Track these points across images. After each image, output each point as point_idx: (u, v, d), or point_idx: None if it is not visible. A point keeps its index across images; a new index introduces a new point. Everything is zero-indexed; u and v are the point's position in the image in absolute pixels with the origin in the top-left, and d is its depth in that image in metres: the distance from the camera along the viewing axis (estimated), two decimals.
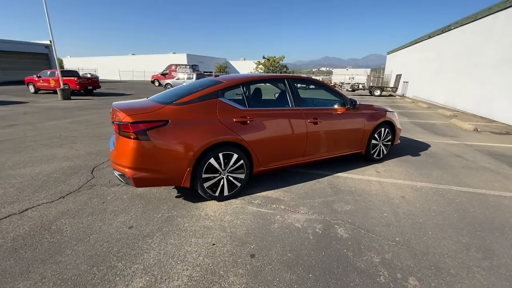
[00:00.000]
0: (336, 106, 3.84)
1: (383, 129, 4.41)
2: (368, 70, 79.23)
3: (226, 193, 3.05)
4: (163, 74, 28.63)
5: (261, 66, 42.84)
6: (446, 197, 3.26)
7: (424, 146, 5.63)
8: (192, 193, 3.22)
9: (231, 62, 58.87)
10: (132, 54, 54.04)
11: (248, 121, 3.04)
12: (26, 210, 2.80)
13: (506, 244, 2.35)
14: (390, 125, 4.53)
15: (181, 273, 1.95)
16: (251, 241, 2.34)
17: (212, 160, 2.84)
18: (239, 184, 3.12)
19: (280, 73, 43.99)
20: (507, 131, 7.18)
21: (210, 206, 2.95)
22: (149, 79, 34.08)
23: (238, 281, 1.89)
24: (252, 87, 3.68)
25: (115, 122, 2.72)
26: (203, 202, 3.03)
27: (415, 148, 5.46)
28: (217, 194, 3.00)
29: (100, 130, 6.72)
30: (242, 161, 3.03)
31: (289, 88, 3.51)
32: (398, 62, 24.10)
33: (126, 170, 2.62)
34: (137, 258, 2.10)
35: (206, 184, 2.90)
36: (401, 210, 2.92)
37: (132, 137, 2.55)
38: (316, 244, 2.31)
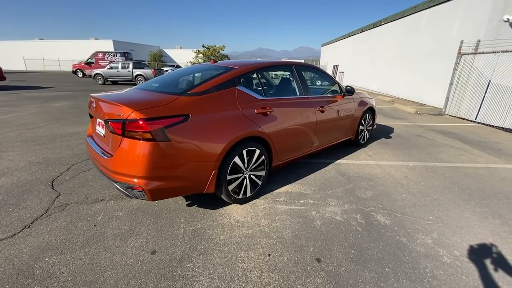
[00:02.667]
0: (335, 94, 3.84)
1: (367, 115, 4.65)
2: (302, 61, 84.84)
3: (248, 193, 2.72)
4: (88, 63, 24.53)
5: (200, 55, 40.95)
6: (438, 173, 3.64)
7: (389, 129, 6.24)
8: (200, 198, 2.78)
9: (165, 50, 54.40)
10: (40, 39, 44.56)
11: (268, 112, 2.73)
12: None
13: (509, 209, 2.73)
14: (372, 111, 4.81)
15: None
16: (306, 244, 2.13)
17: (236, 159, 2.46)
18: (260, 183, 2.81)
19: None
20: (438, 112, 8.60)
21: (235, 211, 2.58)
22: (68, 69, 28.80)
23: None
24: (263, 74, 3.33)
25: (112, 120, 2.06)
26: (224, 207, 2.64)
27: (383, 131, 6.00)
28: (240, 196, 2.65)
29: (30, 133, 5.25)
30: (263, 157, 2.73)
31: (297, 76, 3.31)
32: (333, 53, 26.25)
33: (137, 180, 2.03)
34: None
35: (230, 187, 2.52)
36: (414, 189, 3.12)
37: (145, 138, 1.96)
38: (369, 236, 2.24)
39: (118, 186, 2.13)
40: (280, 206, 2.69)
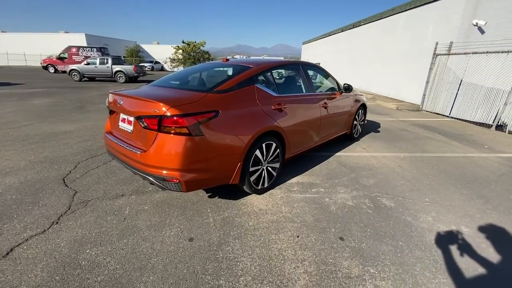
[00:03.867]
0: (335, 91, 4.12)
1: (360, 111, 5.01)
2: (282, 58, 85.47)
3: (266, 184, 2.91)
4: (61, 58, 23.12)
5: (180, 51, 40.02)
6: (426, 162, 4.07)
7: (376, 124, 6.70)
8: (220, 191, 2.92)
9: (142, 45, 52.44)
10: (3, 32, 41.01)
11: (282, 108, 2.93)
12: (12, 250, 1.95)
13: (488, 190, 3.17)
14: (364, 107, 5.18)
15: (296, 272, 1.82)
16: (327, 226, 2.37)
17: (257, 152, 2.64)
18: (275, 174, 3.02)
19: (203, 59, 42.38)
20: (416, 108, 9.30)
21: (256, 200, 2.76)
22: (35, 64, 26.85)
23: (353, 263, 1.91)
24: (275, 73, 3.52)
25: (147, 116, 2.15)
26: (244, 198, 2.81)
27: (371, 126, 6.44)
28: (259, 187, 2.83)
29: (18, 131, 5.02)
30: (278, 150, 2.93)
31: (304, 74, 3.54)
32: (314, 51, 26.93)
33: (173, 173, 2.14)
34: (235, 271, 1.82)
35: (252, 178, 2.69)
36: (408, 177, 3.49)
37: (182, 133, 2.08)
38: (379, 217, 2.53)
39: (152, 179, 2.23)
40: (295, 195, 2.91)
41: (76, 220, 2.33)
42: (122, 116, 2.53)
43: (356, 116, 4.88)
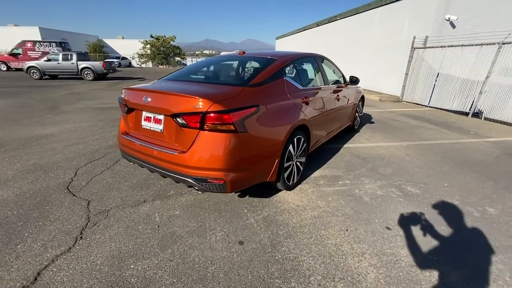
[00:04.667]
0: (342, 83, 4.15)
1: (360, 102, 5.13)
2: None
3: (295, 179, 2.85)
4: (14, 55, 20.67)
5: (148, 46, 38.00)
6: (428, 149, 4.29)
7: (367, 115, 6.94)
8: (247, 190, 2.80)
9: (105, 40, 48.87)
10: None
11: (308, 102, 2.88)
12: (40, 274, 1.67)
13: (493, 172, 3.43)
14: (363, 98, 5.32)
15: (361, 266, 1.79)
16: (369, 217, 2.38)
17: (290, 146, 2.56)
18: (301, 169, 2.97)
19: (173, 54, 40.70)
20: (397, 99, 9.82)
21: (288, 197, 2.69)
22: None
23: (406, 252, 1.94)
24: (297, 65, 3.42)
25: (186, 113, 1.96)
26: (276, 195, 2.72)
27: (364, 117, 6.65)
28: (290, 182, 2.76)
29: None
30: (305, 144, 2.88)
31: (319, 67, 3.50)
32: (288, 46, 27.19)
33: (217, 173, 1.99)
34: (301, 271, 1.74)
35: (285, 174, 2.61)
36: (420, 164, 3.65)
37: (228, 130, 1.93)
38: (411, 204, 2.61)
39: (191, 181, 2.04)
40: (324, 188, 2.89)
41: (103, 233, 2.08)
42: (146, 114, 2.28)
43: (357, 108, 5.00)
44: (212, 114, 1.89)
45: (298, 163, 2.84)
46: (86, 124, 5.41)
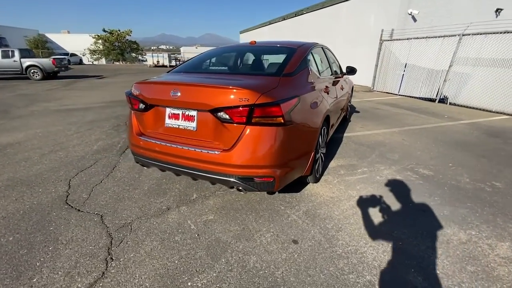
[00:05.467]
0: (340, 73, 4.21)
1: (350, 93, 5.29)
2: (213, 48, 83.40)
3: (320, 171, 2.82)
4: None
5: (100, 41, 34.78)
6: (418, 134, 4.59)
7: (350, 106, 7.20)
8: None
9: (48, 35, 43.41)
10: None
11: (328, 91, 2.84)
12: None
13: (481, 150, 3.79)
14: (353, 88, 5.48)
15: (421, 248, 1.82)
16: (403, 200, 2.44)
17: (319, 138, 2.51)
18: (323, 160, 2.94)
19: (130, 49, 37.90)
20: (368, 89, 10.41)
21: (318, 190, 2.64)
22: None
23: (454, 230, 2.02)
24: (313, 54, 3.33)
25: (230, 107, 1.76)
26: (304, 189, 2.64)
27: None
28: (318, 175, 2.72)
29: None
30: (326, 135, 2.85)
31: (325, 56, 3.48)
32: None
33: (266, 170, 1.84)
34: (369, 263, 1.70)
35: (316, 167, 2.55)
36: (419, 147, 3.88)
37: (277, 123, 1.79)
38: (431, 185, 2.74)
39: (235, 181, 1.86)
40: (348, 178, 2.90)
41: (137, 250, 1.80)
42: (172, 111, 2.01)
43: (349, 98, 5.14)
44: (261, 107, 1.73)
45: (321, 155, 2.80)
46: (55, 129, 4.72)
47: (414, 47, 8.34)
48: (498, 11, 10.20)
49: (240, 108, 1.74)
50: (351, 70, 4.34)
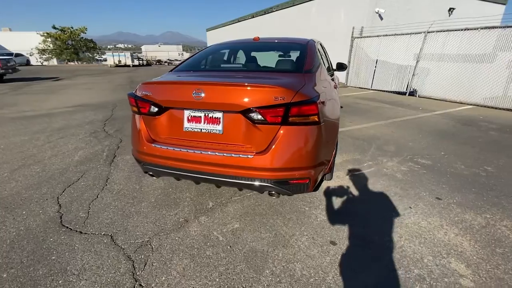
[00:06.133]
0: (331, 70, 4.26)
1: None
2: (180, 46, 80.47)
3: (333, 167, 2.80)
4: None
5: (50, 39, 31.42)
6: (403, 125, 4.86)
7: None
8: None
9: None
10: None
11: (336, 86, 2.83)
12: None
13: (462, 138, 4.11)
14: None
15: (449, 237, 1.88)
16: (416, 192, 2.52)
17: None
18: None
19: (86, 48, 34.87)
20: (343, 85, 10.80)
21: (332, 186, 2.63)
22: None
23: (471, 216, 2.14)
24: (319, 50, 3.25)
25: (264, 107, 1.64)
26: (321, 188, 2.62)
27: None
28: (332, 172, 2.70)
29: None
30: None
31: (324, 52, 3.47)
32: (223, 38, 26.65)
33: (303, 172, 1.76)
34: (411, 257, 1.71)
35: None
36: (408, 138, 4.10)
37: (312, 121, 1.71)
38: (433, 173, 2.90)
39: (270, 185, 1.75)
40: (358, 172, 2.94)
41: (168, 272, 1.60)
42: (192, 113, 1.82)
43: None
44: (297, 105, 1.63)
45: None
46: (19, 139, 4.13)
47: (384, 44, 8.84)
48: (450, 10, 11.27)
49: (276, 108, 1.62)
50: (341, 66, 4.39)
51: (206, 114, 1.79)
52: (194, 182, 2.11)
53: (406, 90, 8.34)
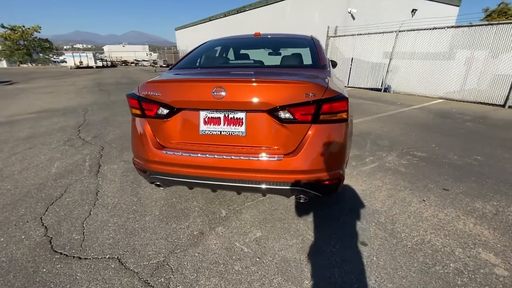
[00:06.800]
0: None
1: None
2: (146, 46, 77.18)
3: None
4: None
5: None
6: (389, 120, 5.04)
7: None
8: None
9: None
10: None
11: None
12: None
13: (445, 130, 4.36)
14: None
15: (469, 227, 1.92)
16: (423, 184, 2.58)
17: None
18: None
19: (41, 48, 31.83)
20: None
21: (346, 183, 2.59)
22: None
23: (478, 204, 2.22)
24: None
25: (293, 104, 1.52)
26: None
27: None
28: None
29: None
30: None
31: None
32: (193, 37, 25.91)
33: (334, 172, 1.67)
34: (441, 250, 1.71)
35: None
36: (398, 133, 4.24)
37: (342, 119, 1.63)
38: (432, 166, 3.00)
39: (302, 188, 1.64)
40: (362, 168, 2.94)
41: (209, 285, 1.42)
42: (208, 115, 1.64)
43: None
44: (329, 102, 1.54)
45: None
46: None
47: (358, 42, 9.18)
48: (413, 11, 12.07)
49: (307, 105, 1.51)
50: (334, 64, 4.43)
51: (226, 115, 1.62)
52: (211, 189, 1.92)
53: (381, 86, 8.74)
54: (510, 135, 4.18)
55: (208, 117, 1.65)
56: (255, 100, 1.54)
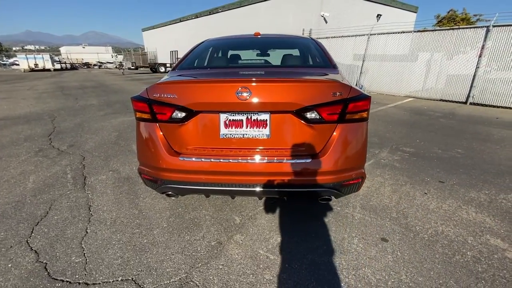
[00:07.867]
0: None
1: None
2: (110, 48, 72.93)
3: None
4: None
5: None
6: (375, 119, 5.27)
7: None
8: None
9: None
10: None
11: None
12: None
13: (425, 126, 4.67)
14: None
15: (472, 215, 2.06)
16: (421, 178, 2.71)
17: None
18: None
19: None
20: None
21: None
22: None
23: (473, 194, 2.39)
24: None
25: (320, 104, 1.49)
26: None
27: None
28: None
29: None
30: None
31: None
32: (163, 38, 25.04)
33: (358, 171, 1.68)
34: (455, 240, 1.80)
35: None
36: (384, 130, 4.45)
37: (363, 118, 1.64)
38: (423, 161, 3.18)
39: (330, 189, 1.62)
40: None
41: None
42: (229, 117, 1.55)
43: None
44: (354, 101, 1.54)
45: None
46: None
47: (333, 45, 9.54)
48: (378, 16, 12.89)
49: (334, 105, 1.50)
50: None
51: (249, 117, 1.54)
52: (231, 196, 1.82)
53: (356, 87, 9.14)
54: (478, 129, 4.61)
55: (229, 119, 1.55)
56: (281, 100, 1.49)
